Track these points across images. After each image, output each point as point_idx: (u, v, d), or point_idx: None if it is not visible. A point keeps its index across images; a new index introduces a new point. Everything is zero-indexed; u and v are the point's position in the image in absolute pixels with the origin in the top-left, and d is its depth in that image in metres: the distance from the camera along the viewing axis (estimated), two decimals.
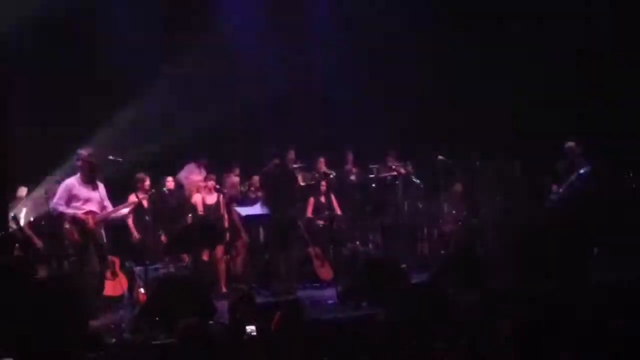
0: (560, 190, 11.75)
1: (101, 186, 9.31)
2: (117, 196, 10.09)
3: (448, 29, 13.63)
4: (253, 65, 13.63)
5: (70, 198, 9.09)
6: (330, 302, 9.81)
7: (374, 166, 13.06)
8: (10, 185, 10.58)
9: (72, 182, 9.16)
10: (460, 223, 12.91)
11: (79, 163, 9.15)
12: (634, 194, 11.95)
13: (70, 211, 9.03)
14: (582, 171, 11.54)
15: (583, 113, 12.89)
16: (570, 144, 11.80)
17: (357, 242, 12.76)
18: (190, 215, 11.28)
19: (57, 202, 9.08)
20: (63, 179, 9.40)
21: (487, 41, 13.63)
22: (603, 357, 4.89)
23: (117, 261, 10.50)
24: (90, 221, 9.02)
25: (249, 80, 13.43)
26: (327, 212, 12.13)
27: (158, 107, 12.47)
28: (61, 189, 9.14)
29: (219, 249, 11.40)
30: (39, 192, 10.96)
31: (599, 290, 8.21)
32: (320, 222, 12.25)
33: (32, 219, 9.46)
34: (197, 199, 11.49)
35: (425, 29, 13.66)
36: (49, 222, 9.94)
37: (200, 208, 11.38)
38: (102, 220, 9.23)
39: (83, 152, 9.22)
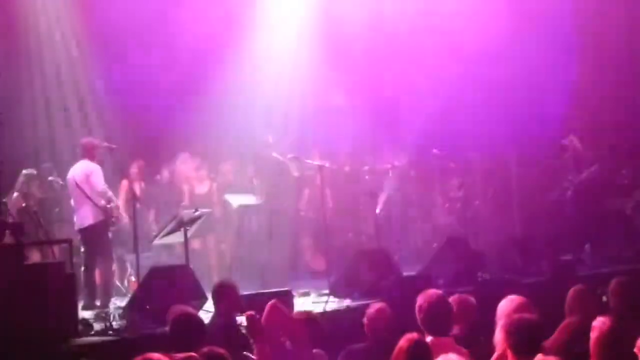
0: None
1: None
2: (109, 183, 10.06)
3: None
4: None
5: None
6: (322, 293, 9.79)
7: (368, 158, 13.00)
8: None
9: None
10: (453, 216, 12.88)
11: (95, 151, 9.24)
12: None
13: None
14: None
15: None
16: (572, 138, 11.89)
17: (350, 234, 12.73)
18: (182, 203, 11.23)
19: (104, 185, 9.31)
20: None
21: None
22: None
23: None
24: None
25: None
26: (320, 203, 12.07)
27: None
28: (100, 174, 9.28)
29: (211, 238, 11.37)
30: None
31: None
32: (313, 213, 12.19)
33: (23, 205, 9.40)
34: (185, 189, 11.44)
35: None
36: (40, 209, 9.88)
37: (187, 198, 11.33)
38: None
39: (97, 141, 9.40)
